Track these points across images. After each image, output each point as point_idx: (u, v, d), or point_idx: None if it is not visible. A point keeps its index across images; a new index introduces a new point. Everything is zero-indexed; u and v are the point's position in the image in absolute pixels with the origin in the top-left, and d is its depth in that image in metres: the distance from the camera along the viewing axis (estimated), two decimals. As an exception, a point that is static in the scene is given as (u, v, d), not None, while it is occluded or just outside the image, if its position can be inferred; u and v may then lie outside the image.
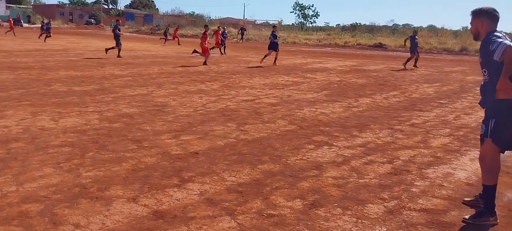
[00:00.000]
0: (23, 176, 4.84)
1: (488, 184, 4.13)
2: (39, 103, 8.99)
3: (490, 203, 4.11)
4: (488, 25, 4.08)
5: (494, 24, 4.08)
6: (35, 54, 20.97)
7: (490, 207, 4.11)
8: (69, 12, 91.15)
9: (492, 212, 4.10)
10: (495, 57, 3.80)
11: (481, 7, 4.16)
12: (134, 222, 3.86)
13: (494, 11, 4.11)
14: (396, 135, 7.50)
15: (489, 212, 4.10)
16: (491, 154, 4.07)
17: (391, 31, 61.74)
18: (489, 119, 4.03)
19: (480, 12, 4.17)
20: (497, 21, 4.10)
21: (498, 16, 4.10)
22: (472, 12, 4.24)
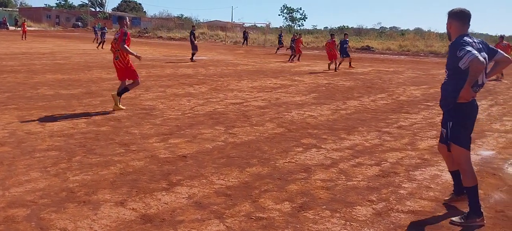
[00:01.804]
0: (9, 180, 4.79)
1: (468, 185, 4.19)
2: (25, 107, 8.90)
3: (475, 204, 4.15)
4: (457, 26, 4.17)
5: (464, 24, 4.16)
6: (21, 58, 20.77)
7: (475, 208, 4.15)
8: (55, 15, 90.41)
9: (478, 213, 4.14)
10: (460, 64, 3.91)
11: (452, 9, 4.27)
12: (122, 226, 3.83)
13: (463, 11, 4.19)
14: (384, 137, 7.54)
15: (475, 213, 4.14)
16: (464, 157, 4.19)
17: (378, 34, 62.16)
18: (447, 122, 4.22)
19: (449, 13, 4.27)
20: (467, 21, 4.18)
21: (468, 16, 4.18)
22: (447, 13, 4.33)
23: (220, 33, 58.87)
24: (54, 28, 76.73)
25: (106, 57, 23.34)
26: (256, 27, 68.91)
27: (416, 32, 60.93)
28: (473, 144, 7.23)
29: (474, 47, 3.94)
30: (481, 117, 9.84)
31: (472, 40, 4.06)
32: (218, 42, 53.23)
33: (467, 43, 3.94)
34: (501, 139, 7.74)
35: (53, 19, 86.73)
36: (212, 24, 76.90)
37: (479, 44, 4.10)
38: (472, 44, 3.98)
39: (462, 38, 4.04)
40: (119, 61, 8.97)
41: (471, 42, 4.00)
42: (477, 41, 4.10)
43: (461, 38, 4.04)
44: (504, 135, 8.11)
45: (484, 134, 8.07)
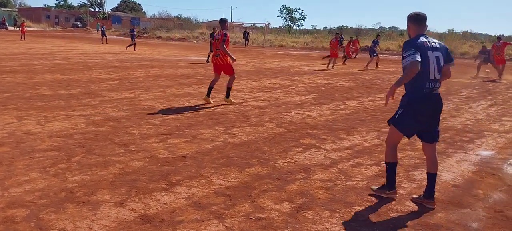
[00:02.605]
0: (9, 181, 4.79)
1: (386, 161, 4.76)
2: (24, 107, 8.89)
3: (390, 179, 4.71)
4: (414, 29, 4.53)
5: (420, 26, 4.52)
6: (21, 58, 20.76)
7: (390, 181, 4.71)
8: (55, 15, 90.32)
9: (390, 186, 4.72)
10: (402, 63, 4.37)
11: (410, 13, 4.62)
12: (121, 226, 3.83)
13: (417, 15, 4.56)
14: (383, 137, 7.53)
15: (388, 186, 4.74)
16: (394, 137, 4.69)
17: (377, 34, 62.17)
18: (398, 109, 4.65)
19: (407, 17, 4.63)
20: (423, 23, 4.53)
21: (423, 19, 4.54)
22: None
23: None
24: (53, 28, 76.70)
25: (106, 57, 23.36)
26: (255, 27, 68.91)
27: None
28: (472, 144, 7.27)
29: (422, 48, 4.31)
30: (481, 117, 9.85)
31: (428, 40, 4.41)
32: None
33: (415, 45, 4.31)
34: (500, 139, 7.75)
35: (53, 19, 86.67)
36: (211, 24, 76.74)
37: (437, 44, 4.45)
38: (423, 45, 4.34)
39: (414, 39, 4.41)
40: (219, 58, 10.11)
41: (422, 43, 4.35)
42: (434, 43, 4.44)
43: (413, 39, 4.41)
44: (503, 135, 8.11)
45: (484, 134, 8.07)
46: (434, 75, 4.38)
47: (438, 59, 4.40)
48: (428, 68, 4.33)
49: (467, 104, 11.67)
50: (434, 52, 4.38)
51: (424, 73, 4.33)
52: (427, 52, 4.34)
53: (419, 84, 4.37)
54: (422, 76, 4.33)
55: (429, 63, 4.33)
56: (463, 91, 14.50)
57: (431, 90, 4.41)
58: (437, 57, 4.39)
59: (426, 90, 4.40)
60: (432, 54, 4.36)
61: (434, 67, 4.36)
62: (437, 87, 4.46)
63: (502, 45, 19.69)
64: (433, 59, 4.36)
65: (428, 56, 4.33)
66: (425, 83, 4.37)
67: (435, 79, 4.40)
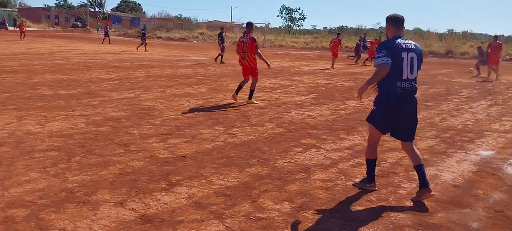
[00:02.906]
0: (9, 181, 4.79)
1: (367, 157, 4.99)
2: (24, 107, 8.89)
3: (370, 173, 4.96)
4: (392, 30, 4.71)
5: (397, 28, 4.69)
6: (21, 58, 20.76)
7: (369, 176, 4.96)
8: (55, 15, 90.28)
9: (370, 180, 4.96)
10: (374, 63, 4.62)
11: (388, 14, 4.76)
12: (122, 226, 3.83)
13: (396, 17, 4.72)
14: (383, 137, 7.52)
15: (368, 179, 4.97)
16: (373, 135, 4.90)
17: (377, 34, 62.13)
18: (373, 106, 4.88)
19: (386, 18, 4.77)
20: (400, 25, 4.70)
21: (401, 21, 4.71)
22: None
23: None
24: (53, 28, 76.64)
25: (106, 57, 23.36)
26: (255, 28, 68.87)
27: (415, 32, 60.98)
28: (473, 144, 7.27)
29: (396, 49, 4.49)
30: (481, 117, 9.85)
31: (403, 41, 4.58)
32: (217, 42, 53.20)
33: (389, 47, 4.52)
34: (500, 139, 7.75)
35: (52, 19, 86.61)
36: (211, 24, 76.87)
37: (412, 46, 4.61)
38: (397, 46, 4.51)
39: (389, 41, 4.63)
40: (247, 61, 10.41)
41: (396, 44, 4.53)
42: (410, 44, 4.60)
43: (389, 41, 4.64)
44: (504, 135, 8.11)
45: (484, 134, 8.08)
46: (407, 75, 4.53)
47: (413, 60, 4.54)
48: (401, 68, 4.49)
49: (467, 104, 11.67)
50: (410, 53, 4.53)
51: (397, 74, 4.49)
52: (402, 53, 4.49)
53: (392, 83, 4.52)
54: (395, 76, 4.49)
55: (402, 64, 4.49)
56: (463, 91, 14.50)
57: (404, 90, 4.55)
58: (412, 58, 4.54)
59: (399, 90, 4.53)
60: (407, 55, 4.51)
61: (407, 68, 4.51)
62: (412, 87, 4.62)
63: (499, 45, 19.66)
64: (408, 60, 4.51)
65: (402, 57, 4.49)
66: (397, 83, 4.51)
67: (408, 79, 4.54)
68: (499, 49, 19.64)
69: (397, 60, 4.46)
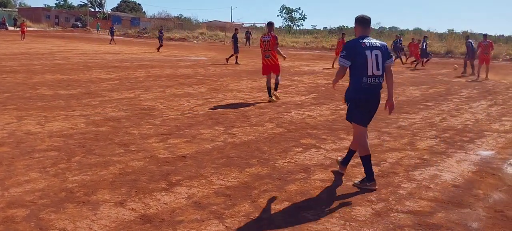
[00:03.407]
0: (9, 181, 4.79)
1: (361, 155, 5.08)
2: (24, 107, 8.89)
3: (368, 171, 5.00)
4: (359, 30, 5.06)
5: (364, 28, 5.05)
6: (21, 58, 20.76)
7: (368, 174, 5.00)
8: (55, 15, 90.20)
9: (369, 179, 4.99)
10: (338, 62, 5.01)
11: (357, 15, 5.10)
12: (122, 226, 3.83)
13: (362, 18, 5.07)
14: (383, 137, 7.54)
15: (367, 178, 5.01)
16: (357, 132, 5.11)
17: (377, 34, 62.14)
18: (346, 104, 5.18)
19: (355, 19, 5.10)
20: (366, 25, 5.07)
21: (365, 21, 5.06)
22: None
23: (219, 33, 58.81)
24: (53, 28, 76.60)
25: (106, 57, 23.36)
26: (255, 27, 68.86)
27: (415, 32, 60.94)
28: (473, 144, 7.27)
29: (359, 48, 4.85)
30: (481, 117, 9.85)
31: (368, 40, 4.93)
32: (218, 42, 53.22)
33: (352, 46, 4.92)
34: (500, 139, 7.74)
35: (53, 19, 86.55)
36: (211, 24, 76.87)
37: (377, 44, 4.93)
38: (360, 45, 4.86)
39: (353, 40, 5.00)
40: (270, 59, 10.84)
41: (360, 43, 4.88)
42: (374, 43, 4.92)
43: (353, 40, 5.00)
44: (503, 135, 8.11)
45: (484, 134, 8.07)
46: (373, 71, 4.84)
47: (377, 57, 4.84)
48: (366, 65, 4.81)
49: (467, 104, 11.67)
50: (373, 51, 4.85)
51: (362, 70, 4.82)
52: (365, 52, 4.83)
53: (357, 79, 4.87)
54: (361, 72, 4.83)
55: (367, 61, 4.81)
56: (463, 91, 14.50)
57: (370, 85, 4.86)
58: (376, 55, 4.85)
59: (365, 85, 4.86)
60: (371, 53, 4.83)
61: (372, 64, 4.82)
62: (378, 82, 4.90)
63: (489, 44, 19.64)
64: (372, 57, 4.82)
65: (366, 55, 4.82)
66: (363, 79, 4.84)
67: (374, 75, 4.85)
68: (489, 48, 19.58)
69: (361, 58, 4.81)
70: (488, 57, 19.45)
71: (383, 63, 4.90)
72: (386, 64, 4.96)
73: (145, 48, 34.95)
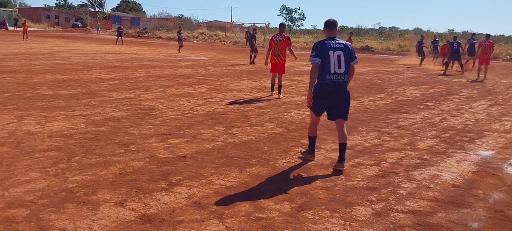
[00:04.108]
0: (9, 180, 4.79)
1: (309, 135, 6.02)
2: (24, 107, 8.89)
3: (311, 146, 6.00)
4: (326, 33, 5.67)
5: (330, 30, 5.64)
6: (21, 58, 20.75)
7: (310, 148, 6.00)
8: (55, 15, 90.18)
9: (310, 152, 6.01)
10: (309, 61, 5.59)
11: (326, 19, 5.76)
12: (122, 226, 3.83)
13: (328, 21, 5.68)
14: (383, 137, 7.54)
15: (309, 151, 6.03)
16: (311, 117, 5.94)
17: (377, 34, 62.18)
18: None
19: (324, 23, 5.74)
20: (332, 28, 5.65)
21: (331, 24, 5.65)
22: None
23: (219, 33, 58.81)
24: (53, 28, 76.61)
25: (106, 57, 23.35)
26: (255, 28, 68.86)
27: (416, 32, 60.99)
28: (473, 144, 7.29)
29: (324, 49, 5.47)
30: (481, 117, 9.85)
31: (333, 41, 5.53)
32: (218, 42, 53.23)
33: (318, 47, 5.54)
34: (500, 139, 7.75)
35: (53, 19, 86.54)
36: (211, 24, 76.88)
37: (340, 45, 5.52)
38: (325, 46, 5.49)
39: (320, 41, 5.59)
40: (279, 58, 11.45)
41: (325, 44, 5.50)
42: (338, 44, 5.52)
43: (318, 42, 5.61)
44: (504, 135, 8.11)
45: (484, 134, 8.08)
46: (335, 70, 5.45)
47: (340, 57, 5.45)
48: (329, 64, 5.45)
49: (467, 104, 11.67)
50: (336, 51, 5.47)
51: (326, 68, 5.46)
52: (329, 52, 5.46)
53: (322, 76, 5.51)
54: (324, 70, 5.47)
55: (330, 61, 5.44)
56: (463, 91, 14.51)
57: (332, 81, 5.49)
58: (339, 55, 5.46)
59: (327, 81, 5.49)
60: (333, 53, 5.45)
61: (334, 63, 5.45)
62: (340, 79, 5.51)
63: (490, 44, 19.71)
64: (334, 57, 5.44)
65: (329, 55, 5.45)
66: (326, 76, 5.47)
67: (336, 73, 5.46)
68: (490, 49, 19.66)
69: (325, 58, 5.45)
70: (488, 58, 19.51)
71: (346, 62, 5.49)
72: (351, 64, 5.63)
73: (145, 48, 34.95)
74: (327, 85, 5.50)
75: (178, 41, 31.76)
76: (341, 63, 5.45)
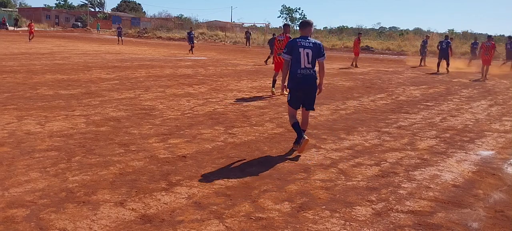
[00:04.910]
0: (9, 180, 4.79)
1: (291, 123, 6.44)
2: (24, 107, 8.89)
3: (298, 134, 6.29)
4: (300, 32, 6.41)
5: (303, 30, 6.39)
6: (21, 58, 20.75)
7: (298, 135, 6.29)
8: (55, 15, 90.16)
9: (298, 140, 6.29)
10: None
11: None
12: (122, 226, 3.83)
13: (301, 22, 6.51)
14: (383, 137, 7.54)
15: (298, 138, 6.28)
16: (289, 110, 6.49)
17: (378, 34, 62.18)
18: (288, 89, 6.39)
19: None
20: (305, 27, 6.38)
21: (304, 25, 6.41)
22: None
23: (219, 33, 58.81)
24: (53, 28, 76.59)
25: (106, 57, 23.36)
26: (256, 28, 68.89)
27: (416, 32, 60.98)
28: (473, 144, 7.29)
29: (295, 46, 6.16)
30: (481, 117, 9.85)
31: (304, 40, 6.19)
32: (218, 42, 53.24)
33: (290, 45, 6.26)
34: (500, 139, 7.75)
35: (53, 19, 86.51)
36: (211, 24, 76.86)
37: (310, 44, 6.16)
38: (296, 44, 6.17)
39: (293, 39, 6.32)
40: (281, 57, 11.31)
41: (296, 42, 6.18)
42: (308, 43, 6.17)
43: (291, 40, 6.37)
44: (504, 135, 8.11)
45: (484, 134, 8.08)
46: (305, 64, 6.14)
47: (308, 54, 6.11)
48: (299, 60, 6.12)
49: (467, 104, 11.67)
50: (305, 49, 6.13)
51: (297, 64, 6.14)
52: (299, 49, 6.12)
53: (293, 71, 6.19)
54: (296, 65, 6.16)
55: (300, 57, 6.12)
56: (463, 91, 14.51)
57: (303, 75, 6.15)
58: (308, 53, 6.12)
59: (299, 75, 6.16)
60: (303, 51, 6.12)
61: (304, 59, 6.12)
62: (309, 73, 6.17)
63: (492, 45, 19.84)
64: (304, 54, 6.11)
65: (300, 52, 6.12)
66: (297, 70, 6.15)
67: (305, 67, 6.14)
68: (492, 50, 19.81)
69: (296, 54, 6.14)
70: (489, 58, 19.65)
71: (313, 58, 6.14)
72: (318, 60, 6.22)
73: (145, 48, 34.95)
74: (299, 78, 6.16)
75: (188, 41, 30.98)
76: (309, 59, 6.14)
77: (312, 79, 6.23)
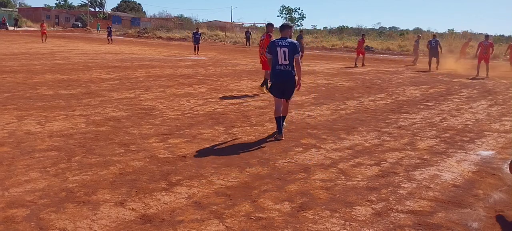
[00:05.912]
0: (9, 180, 4.79)
1: (274, 116, 7.29)
2: (25, 107, 8.89)
3: (278, 126, 7.20)
4: (281, 33, 7.20)
5: (282, 31, 7.22)
6: (21, 58, 20.75)
7: (278, 128, 7.20)
8: (55, 15, 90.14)
9: (279, 131, 7.19)
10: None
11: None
12: (122, 226, 3.83)
13: (281, 24, 7.34)
14: (383, 137, 7.54)
15: (278, 131, 7.19)
16: (275, 101, 7.24)
17: (378, 34, 62.17)
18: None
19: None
20: (284, 29, 7.24)
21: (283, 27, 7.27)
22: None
23: (219, 33, 58.80)
24: (53, 28, 76.49)
25: (106, 57, 23.36)
26: (256, 27, 68.87)
27: (416, 32, 60.95)
28: (473, 144, 7.29)
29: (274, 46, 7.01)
30: (481, 117, 9.85)
31: (281, 40, 7.04)
32: (218, 42, 53.23)
33: (270, 45, 7.13)
34: (500, 139, 7.75)
35: (53, 19, 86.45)
36: (211, 24, 76.89)
37: (287, 43, 6.97)
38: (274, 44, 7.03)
39: (273, 40, 7.22)
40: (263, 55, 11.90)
41: (274, 42, 7.05)
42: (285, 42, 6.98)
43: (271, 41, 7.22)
44: (504, 135, 8.11)
45: (484, 134, 8.08)
46: (282, 61, 6.97)
47: (285, 52, 6.93)
48: (277, 57, 6.99)
49: (467, 104, 11.67)
50: (282, 48, 6.96)
51: (275, 60, 7.02)
52: (277, 48, 6.98)
53: (273, 67, 7.09)
54: (274, 62, 7.04)
55: (278, 55, 6.98)
56: (463, 91, 14.51)
57: (280, 71, 7.01)
58: (284, 51, 6.94)
59: (277, 70, 7.04)
60: (280, 49, 6.96)
61: (281, 57, 6.96)
62: (285, 68, 6.98)
63: (489, 44, 20.17)
64: (280, 52, 6.95)
65: (277, 51, 6.97)
66: (276, 66, 7.04)
67: (282, 64, 6.98)
68: (489, 48, 20.21)
69: (275, 53, 7.01)
70: (487, 57, 19.97)
71: (289, 55, 6.92)
72: (294, 56, 6.97)
73: (145, 48, 34.94)
74: (277, 73, 7.04)
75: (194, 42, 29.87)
76: (286, 56, 6.95)
77: (289, 74, 7.03)
